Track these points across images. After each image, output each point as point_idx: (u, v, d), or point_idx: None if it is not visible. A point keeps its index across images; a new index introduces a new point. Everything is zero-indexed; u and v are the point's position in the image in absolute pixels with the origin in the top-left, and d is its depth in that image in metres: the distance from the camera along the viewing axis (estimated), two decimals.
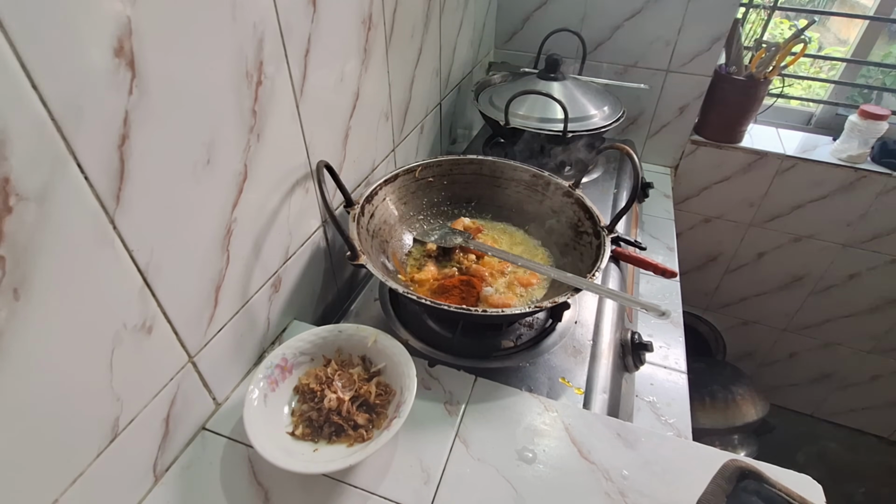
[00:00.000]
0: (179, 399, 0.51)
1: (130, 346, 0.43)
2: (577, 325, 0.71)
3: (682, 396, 0.82)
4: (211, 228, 0.50)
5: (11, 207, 0.32)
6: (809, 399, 1.75)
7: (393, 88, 0.81)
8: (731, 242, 1.46)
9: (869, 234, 1.32)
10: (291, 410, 0.55)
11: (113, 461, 0.44)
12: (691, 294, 1.59)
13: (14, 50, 0.30)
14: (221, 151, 0.48)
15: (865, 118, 1.17)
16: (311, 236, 0.68)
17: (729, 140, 1.30)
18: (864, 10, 1.30)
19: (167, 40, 0.40)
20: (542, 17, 1.25)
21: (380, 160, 0.83)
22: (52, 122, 0.33)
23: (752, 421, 1.34)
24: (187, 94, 0.43)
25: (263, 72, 0.51)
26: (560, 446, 0.54)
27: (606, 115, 1.00)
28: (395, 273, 0.69)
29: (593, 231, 0.68)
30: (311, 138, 0.62)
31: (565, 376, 0.64)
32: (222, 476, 0.51)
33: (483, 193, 0.81)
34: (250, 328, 0.60)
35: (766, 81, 1.19)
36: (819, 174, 1.26)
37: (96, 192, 0.37)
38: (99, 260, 0.39)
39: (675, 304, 0.99)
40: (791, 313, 1.55)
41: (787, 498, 0.46)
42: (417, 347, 0.65)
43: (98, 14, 0.34)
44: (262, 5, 0.49)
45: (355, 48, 0.67)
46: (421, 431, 0.55)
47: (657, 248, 1.11)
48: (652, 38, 1.18)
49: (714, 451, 0.53)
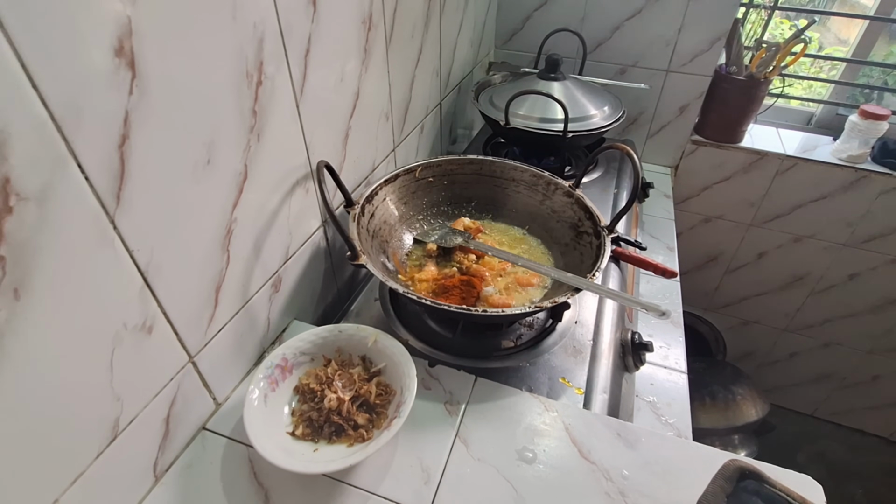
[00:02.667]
0: (180, 399, 0.51)
1: (130, 346, 0.43)
2: (578, 325, 0.71)
3: (683, 396, 0.82)
4: (211, 228, 0.50)
5: (12, 207, 0.32)
6: (810, 399, 1.75)
7: (393, 88, 0.81)
8: (732, 242, 1.46)
9: (869, 234, 1.32)
10: (291, 410, 0.55)
11: (113, 461, 0.44)
12: (691, 294, 1.59)
13: (14, 50, 0.30)
14: (221, 151, 0.48)
15: (866, 118, 1.17)
16: (311, 236, 0.68)
17: (729, 140, 1.30)
18: (864, 10, 1.30)
19: (167, 40, 0.40)
20: (542, 17, 1.25)
21: (380, 160, 0.83)
22: (52, 122, 0.33)
23: (752, 421, 1.34)
24: (187, 94, 0.43)
25: (263, 72, 0.51)
26: (560, 446, 0.54)
27: (606, 115, 1.00)
28: (395, 273, 0.69)
29: (593, 231, 0.68)
30: (311, 138, 0.62)
31: (565, 376, 0.64)
32: (222, 476, 0.51)
33: (483, 193, 0.81)
34: (250, 328, 0.60)
35: (766, 81, 1.19)
36: (819, 174, 1.26)
37: (96, 191, 0.37)
38: (99, 260, 0.39)
39: (676, 304, 0.99)
40: (791, 313, 1.55)
41: (788, 498, 0.46)
42: (417, 347, 0.65)
43: (98, 14, 0.34)
44: (263, 5, 0.49)
45: (355, 48, 0.67)
46: (421, 431, 0.55)
47: (657, 248, 1.11)
48: (652, 38, 1.18)
49: (714, 451, 0.53)
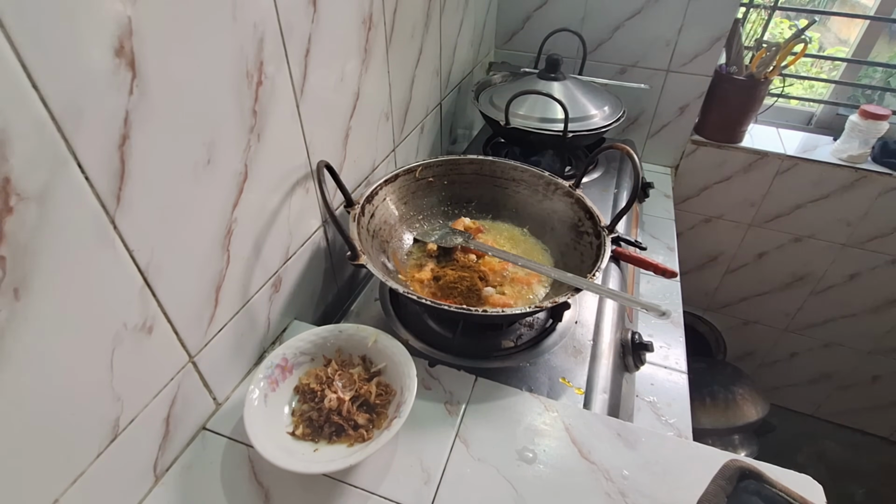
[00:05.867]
0: (180, 399, 0.51)
1: (131, 346, 0.43)
2: (578, 325, 0.71)
3: (683, 396, 0.82)
4: (211, 228, 0.50)
5: (12, 207, 0.32)
6: (810, 399, 1.75)
7: (393, 88, 0.81)
8: (732, 242, 1.46)
9: (869, 234, 1.32)
10: (292, 410, 0.55)
11: (113, 461, 0.44)
12: (692, 294, 1.59)
13: (14, 50, 0.30)
14: (222, 151, 0.48)
15: (866, 118, 1.17)
16: (311, 236, 0.68)
17: (729, 140, 1.30)
18: (865, 10, 1.30)
19: (168, 40, 0.40)
20: (543, 17, 1.25)
21: (380, 160, 0.83)
22: (52, 122, 0.33)
23: (752, 421, 1.34)
24: (188, 94, 0.43)
25: (264, 72, 0.51)
26: (560, 446, 0.54)
27: (607, 115, 1.00)
28: (395, 273, 0.69)
29: (594, 231, 0.68)
30: (311, 138, 0.62)
31: (566, 376, 0.64)
32: (223, 476, 0.51)
33: (483, 193, 0.81)
34: (251, 328, 0.60)
35: (766, 81, 1.19)
36: (819, 174, 1.26)
37: (97, 191, 0.37)
38: (99, 260, 0.39)
39: (676, 304, 0.99)
40: (791, 313, 1.55)
41: (788, 498, 0.46)
42: (418, 347, 0.65)
43: (98, 14, 0.34)
44: (263, 5, 0.49)
45: (356, 48, 0.67)
46: (421, 431, 0.55)
47: (657, 248, 1.11)
48: (652, 38, 1.18)
49: (714, 451, 0.53)
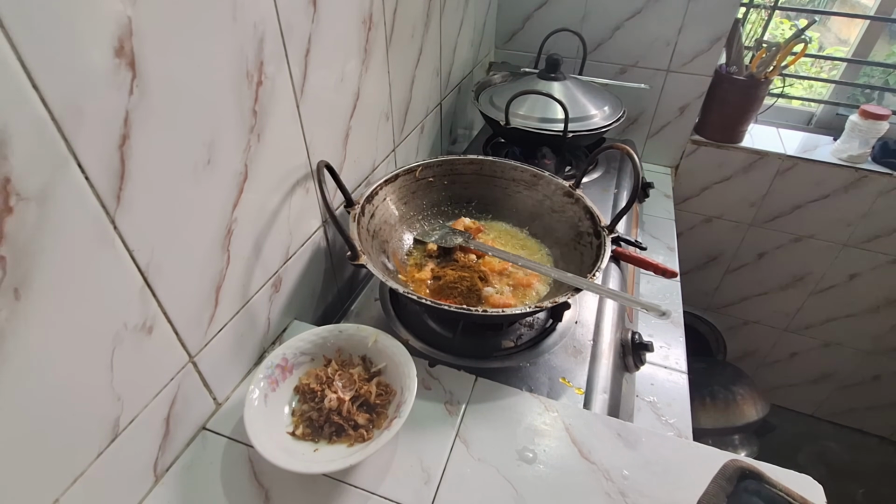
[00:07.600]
0: (180, 399, 0.51)
1: (131, 346, 0.43)
2: (578, 325, 0.71)
3: (683, 396, 0.82)
4: (211, 228, 0.50)
5: (12, 207, 0.32)
6: (810, 399, 1.75)
7: (393, 88, 0.81)
8: (732, 242, 1.46)
9: (869, 234, 1.32)
10: (292, 410, 0.55)
11: (113, 461, 0.44)
12: (692, 294, 1.59)
13: (14, 50, 0.30)
14: (222, 151, 0.48)
15: (866, 118, 1.17)
16: (311, 236, 0.68)
17: (729, 140, 1.30)
18: (865, 10, 1.30)
19: (168, 40, 0.40)
20: (543, 17, 1.25)
21: (380, 160, 0.83)
22: (52, 122, 0.33)
23: (752, 421, 1.34)
24: (188, 95, 0.43)
25: (264, 72, 0.51)
26: (560, 446, 0.54)
27: (607, 115, 1.00)
28: (395, 273, 0.69)
29: (594, 231, 0.68)
30: (311, 138, 0.62)
31: (566, 376, 0.64)
32: (223, 476, 0.51)
33: (483, 193, 0.81)
34: (251, 328, 0.60)
35: (766, 81, 1.19)
36: (820, 174, 1.26)
37: (97, 191, 0.37)
38: (99, 260, 0.39)
39: (676, 304, 0.99)
40: (792, 313, 1.55)
41: (788, 498, 0.46)
42: (418, 347, 0.65)
43: (98, 14, 0.34)
44: (263, 5, 0.49)
45: (356, 48, 0.67)
46: (421, 431, 0.55)
47: (657, 248, 1.11)
48: (652, 38, 1.18)
49: (714, 451, 0.53)
